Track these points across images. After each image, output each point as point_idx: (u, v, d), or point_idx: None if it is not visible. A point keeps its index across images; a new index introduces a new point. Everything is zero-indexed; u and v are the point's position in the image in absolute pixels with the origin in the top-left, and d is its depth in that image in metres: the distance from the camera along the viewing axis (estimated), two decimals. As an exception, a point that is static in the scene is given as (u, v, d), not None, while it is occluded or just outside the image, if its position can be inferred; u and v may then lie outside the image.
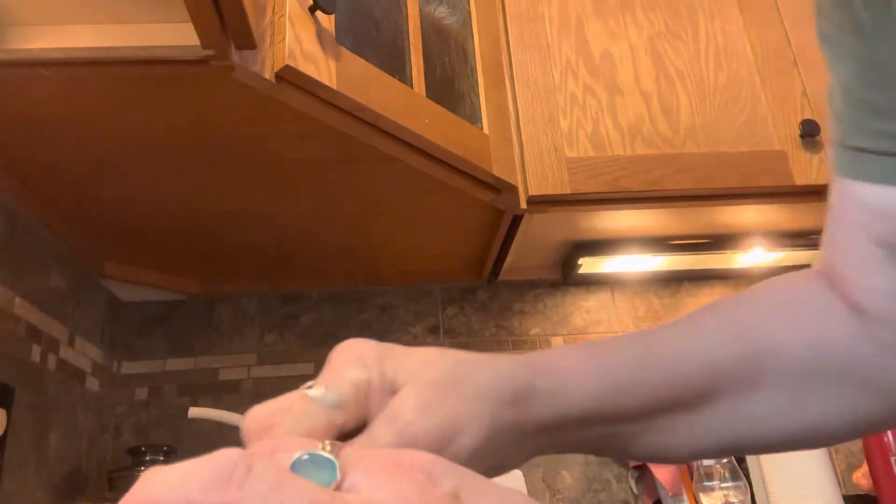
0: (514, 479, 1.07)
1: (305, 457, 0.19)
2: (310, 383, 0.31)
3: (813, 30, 0.43)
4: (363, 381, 0.31)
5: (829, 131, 0.43)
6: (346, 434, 0.30)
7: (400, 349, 0.33)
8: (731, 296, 0.46)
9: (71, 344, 1.07)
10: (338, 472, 0.19)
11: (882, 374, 0.42)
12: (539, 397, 0.34)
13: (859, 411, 0.43)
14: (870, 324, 0.42)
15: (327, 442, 0.20)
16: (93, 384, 1.15)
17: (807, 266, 1.37)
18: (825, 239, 0.46)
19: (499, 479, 0.26)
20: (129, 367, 1.26)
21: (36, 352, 0.96)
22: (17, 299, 0.91)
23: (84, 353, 1.12)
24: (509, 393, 0.33)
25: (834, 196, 0.44)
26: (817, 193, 1.09)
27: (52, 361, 1.00)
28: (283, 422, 0.28)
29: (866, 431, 0.46)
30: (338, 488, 0.18)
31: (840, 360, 0.42)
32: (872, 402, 0.43)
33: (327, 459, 0.19)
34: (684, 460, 0.46)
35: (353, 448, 0.20)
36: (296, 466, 0.19)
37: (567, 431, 0.36)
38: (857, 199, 0.41)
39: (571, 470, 1.25)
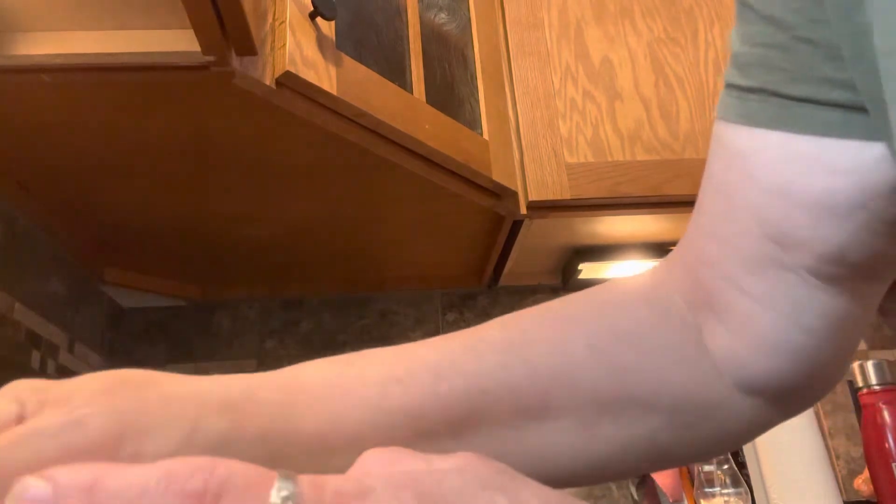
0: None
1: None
2: None
3: None
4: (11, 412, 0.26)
5: (732, 77, 0.36)
6: None
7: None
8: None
9: (71, 350, 1.07)
10: None
11: (722, 406, 0.38)
12: (262, 407, 0.30)
13: (662, 442, 0.38)
14: (732, 343, 0.37)
15: (284, 480, 0.17)
16: (92, 390, 1.14)
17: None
18: (693, 226, 0.39)
19: None
20: (128, 373, 1.26)
21: (35, 358, 0.96)
22: (17, 305, 0.91)
23: (84, 360, 1.12)
24: (217, 399, 0.29)
25: (719, 167, 0.37)
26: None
27: (51, 367, 1.00)
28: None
29: (662, 465, 0.41)
30: None
31: (677, 391, 0.37)
32: (685, 431, 0.38)
33: None
34: None
35: (308, 482, 0.17)
36: None
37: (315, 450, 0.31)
38: (763, 166, 0.34)
39: (572, 476, 1.25)
